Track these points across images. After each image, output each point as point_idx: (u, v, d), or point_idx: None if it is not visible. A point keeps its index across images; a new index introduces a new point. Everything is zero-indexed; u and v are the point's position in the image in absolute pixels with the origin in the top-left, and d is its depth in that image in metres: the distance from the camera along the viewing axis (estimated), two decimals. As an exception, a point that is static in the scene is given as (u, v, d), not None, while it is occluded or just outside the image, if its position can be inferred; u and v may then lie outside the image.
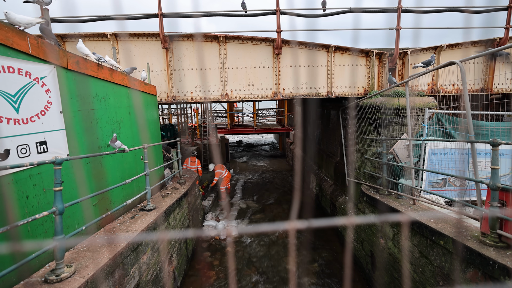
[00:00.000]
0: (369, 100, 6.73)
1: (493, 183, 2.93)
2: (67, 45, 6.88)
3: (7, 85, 2.66)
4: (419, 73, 4.52)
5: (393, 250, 4.75)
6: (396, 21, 6.80)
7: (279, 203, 10.76)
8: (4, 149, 2.59)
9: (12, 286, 2.51)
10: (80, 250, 3.24)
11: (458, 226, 3.65)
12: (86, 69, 3.80)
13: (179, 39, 7.02)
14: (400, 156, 5.77)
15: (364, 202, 6.14)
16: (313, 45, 7.20)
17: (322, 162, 11.17)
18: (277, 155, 21.30)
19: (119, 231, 3.85)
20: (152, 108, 6.36)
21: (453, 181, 5.24)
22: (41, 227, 2.92)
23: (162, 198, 5.54)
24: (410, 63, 7.41)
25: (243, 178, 14.45)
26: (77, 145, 3.55)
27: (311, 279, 6.01)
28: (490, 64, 7.49)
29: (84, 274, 2.72)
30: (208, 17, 6.73)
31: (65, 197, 2.96)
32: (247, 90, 7.39)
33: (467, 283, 3.09)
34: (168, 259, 5.10)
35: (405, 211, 4.53)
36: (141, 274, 3.89)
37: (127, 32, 6.88)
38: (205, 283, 5.92)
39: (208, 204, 9.48)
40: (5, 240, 2.53)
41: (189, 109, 19.82)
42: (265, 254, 7.04)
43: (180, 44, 7.07)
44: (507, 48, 3.08)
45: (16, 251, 2.64)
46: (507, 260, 2.67)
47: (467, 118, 3.56)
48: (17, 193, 2.68)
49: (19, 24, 2.88)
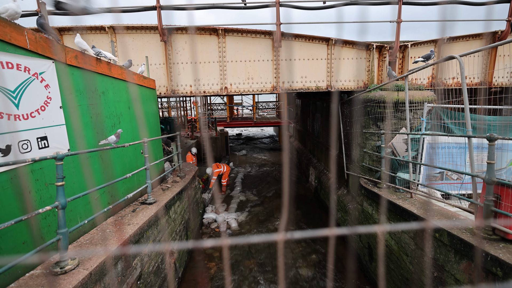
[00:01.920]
0: (369, 93, 6.73)
1: (489, 177, 2.98)
2: (64, 39, 6.81)
3: (7, 81, 2.67)
4: (419, 67, 4.51)
5: (389, 242, 4.85)
6: (397, 13, 6.73)
7: (278, 196, 10.87)
8: (5, 144, 2.61)
9: (18, 278, 2.58)
10: (83, 243, 3.31)
11: (453, 219, 3.73)
12: (85, 64, 3.79)
13: (177, 32, 6.96)
14: (398, 150, 5.82)
15: (362, 195, 6.22)
16: (313, 38, 7.14)
17: (321, 155, 11.23)
18: (277, 148, 21.34)
19: (120, 225, 3.91)
20: (151, 101, 6.36)
21: (450, 174, 5.30)
22: (44, 220, 2.98)
23: (162, 192, 5.60)
24: (411, 56, 7.37)
25: (242, 171, 14.53)
26: (78, 140, 3.58)
27: (309, 270, 6.14)
28: (490, 58, 7.45)
29: (88, 266, 2.79)
30: (207, 9, 6.65)
31: (67, 192, 3.01)
32: (247, 84, 7.37)
33: (461, 274, 3.17)
34: (169, 251, 5.20)
35: (402, 204, 4.60)
36: (143, 266, 3.98)
37: (125, 25, 6.81)
38: (205, 274, 6.05)
39: (208, 197, 9.58)
40: (10, 234, 2.59)
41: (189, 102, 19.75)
42: (264, 246, 7.16)
43: (179, 37, 7.01)
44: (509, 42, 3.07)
45: (20, 244, 2.70)
46: (499, 252, 2.74)
47: (465, 112, 3.58)
48: (19, 188, 2.72)
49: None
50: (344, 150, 8.11)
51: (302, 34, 7.13)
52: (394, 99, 6.12)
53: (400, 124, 6.18)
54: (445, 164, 5.04)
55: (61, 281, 2.54)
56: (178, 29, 6.89)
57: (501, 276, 2.63)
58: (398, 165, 5.61)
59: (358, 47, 7.35)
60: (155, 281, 4.39)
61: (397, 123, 6.20)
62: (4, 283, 2.46)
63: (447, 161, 5.06)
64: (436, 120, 5.32)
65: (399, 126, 6.17)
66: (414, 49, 7.42)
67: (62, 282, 2.53)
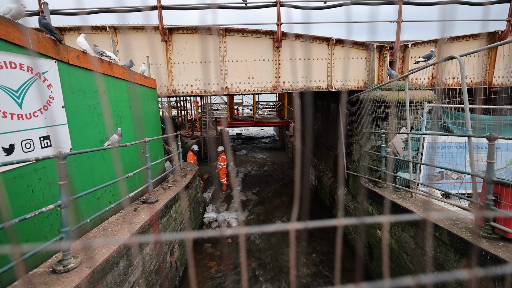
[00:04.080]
0: (369, 93, 6.74)
1: (488, 177, 3.00)
2: (66, 38, 6.83)
3: (10, 81, 2.69)
4: (419, 67, 4.53)
5: (390, 241, 4.86)
6: (398, 13, 6.75)
7: (278, 196, 10.88)
8: (9, 144, 2.63)
9: (21, 276, 2.60)
10: (86, 241, 3.33)
11: (453, 218, 3.74)
12: (87, 64, 3.81)
13: (178, 32, 6.97)
14: (398, 150, 5.83)
15: (362, 194, 6.24)
16: (314, 38, 7.16)
17: (321, 155, 11.24)
18: (277, 147, 21.35)
19: (122, 223, 3.94)
20: (152, 101, 6.37)
21: (450, 174, 5.32)
22: (47, 219, 3.00)
23: (163, 191, 5.62)
24: (411, 56, 7.39)
25: (243, 171, 14.55)
26: (80, 139, 3.60)
27: (310, 269, 6.16)
28: (490, 58, 7.46)
29: (90, 264, 2.81)
30: (207, 9, 6.67)
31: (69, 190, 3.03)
32: (247, 84, 7.38)
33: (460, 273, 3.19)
34: (170, 250, 5.22)
35: (402, 203, 4.62)
36: (144, 265, 4.00)
37: (126, 25, 6.82)
38: (206, 273, 6.07)
39: (208, 196, 9.60)
40: (13, 232, 2.61)
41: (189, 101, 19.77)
42: (265, 245, 7.18)
43: (180, 37, 7.02)
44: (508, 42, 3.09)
45: (24, 242, 2.72)
46: (499, 251, 2.76)
47: (465, 112, 3.60)
48: (22, 186, 2.74)
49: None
50: (344, 149, 8.13)
51: (302, 34, 7.14)
52: (394, 99, 6.14)
53: (400, 124, 6.20)
54: (445, 164, 5.06)
55: (64, 279, 2.56)
56: (179, 28, 6.91)
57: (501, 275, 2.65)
58: (399, 165, 5.63)
59: (359, 47, 7.36)
60: (156, 279, 4.41)
61: (397, 123, 6.22)
62: (8, 281, 2.48)
63: (447, 161, 5.08)
64: (436, 120, 5.34)
65: (399, 125, 6.19)
66: (415, 49, 7.43)
67: (65, 280, 2.55)
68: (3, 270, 2.11)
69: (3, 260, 2.45)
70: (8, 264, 2.15)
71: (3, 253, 2.48)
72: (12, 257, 2.54)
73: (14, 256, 2.52)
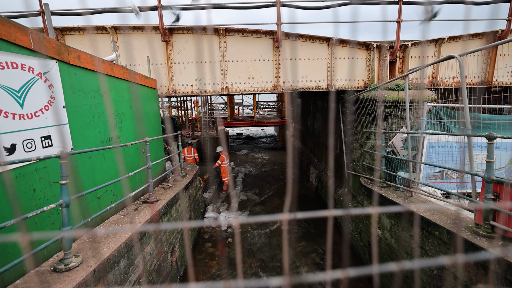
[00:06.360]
0: (369, 93, 6.75)
1: (488, 176, 3.01)
2: (66, 39, 6.85)
3: (11, 81, 2.71)
4: (419, 67, 4.54)
5: (390, 240, 4.87)
6: (398, 13, 6.75)
7: (279, 195, 10.90)
8: (10, 143, 2.65)
9: (23, 275, 2.62)
10: (87, 241, 3.35)
11: (453, 217, 3.75)
12: (87, 64, 3.83)
13: (178, 32, 6.99)
14: (398, 149, 5.84)
15: (362, 194, 6.25)
16: (314, 38, 7.17)
17: (321, 154, 11.25)
18: (278, 147, 21.37)
19: (123, 223, 3.95)
20: (153, 101, 6.39)
21: (450, 173, 5.32)
22: (48, 219, 3.02)
23: (164, 191, 5.64)
24: (411, 56, 7.39)
25: (243, 171, 14.56)
26: (81, 139, 3.62)
27: (310, 269, 6.17)
28: (490, 57, 7.46)
29: (91, 263, 2.83)
30: (207, 9, 6.68)
31: (70, 190, 3.04)
32: (247, 83, 7.40)
33: (460, 272, 3.20)
34: (171, 249, 5.24)
35: (402, 203, 4.63)
36: (145, 264, 4.02)
37: (127, 25, 6.84)
38: (206, 272, 6.09)
39: (209, 196, 9.62)
40: (15, 231, 2.63)
41: (189, 101, 19.79)
42: (265, 245, 7.20)
43: (180, 37, 7.04)
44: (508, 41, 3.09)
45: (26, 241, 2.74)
46: (498, 250, 2.77)
47: (465, 111, 3.61)
48: (24, 186, 2.76)
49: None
50: (344, 149, 8.14)
51: (303, 34, 7.15)
52: (394, 99, 6.15)
53: (400, 123, 6.20)
54: (445, 163, 5.06)
55: (65, 278, 2.58)
56: (179, 29, 6.92)
57: (500, 274, 2.66)
58: (398, 164, 5.64)
59: (358, 46, 7.37)
60: (157, 279, 4.43)
61: (397, 122, 6.23)
62: (9, 279, 2.50)
63: (447, 160, 5.08)
64: (436, 119, 5.34)
65: (399, 125, 6.19)
66: (415, 48, 7.44)
67: (66, 279, 2.57)
68: (5, 269, 2.13)
69: (5, 259, 2.47)
70: (10, 263, 2.16)
71: (5, 251, 2.50)
72: (14, 256, 2.56)
73: (15, 255, 2.54)
